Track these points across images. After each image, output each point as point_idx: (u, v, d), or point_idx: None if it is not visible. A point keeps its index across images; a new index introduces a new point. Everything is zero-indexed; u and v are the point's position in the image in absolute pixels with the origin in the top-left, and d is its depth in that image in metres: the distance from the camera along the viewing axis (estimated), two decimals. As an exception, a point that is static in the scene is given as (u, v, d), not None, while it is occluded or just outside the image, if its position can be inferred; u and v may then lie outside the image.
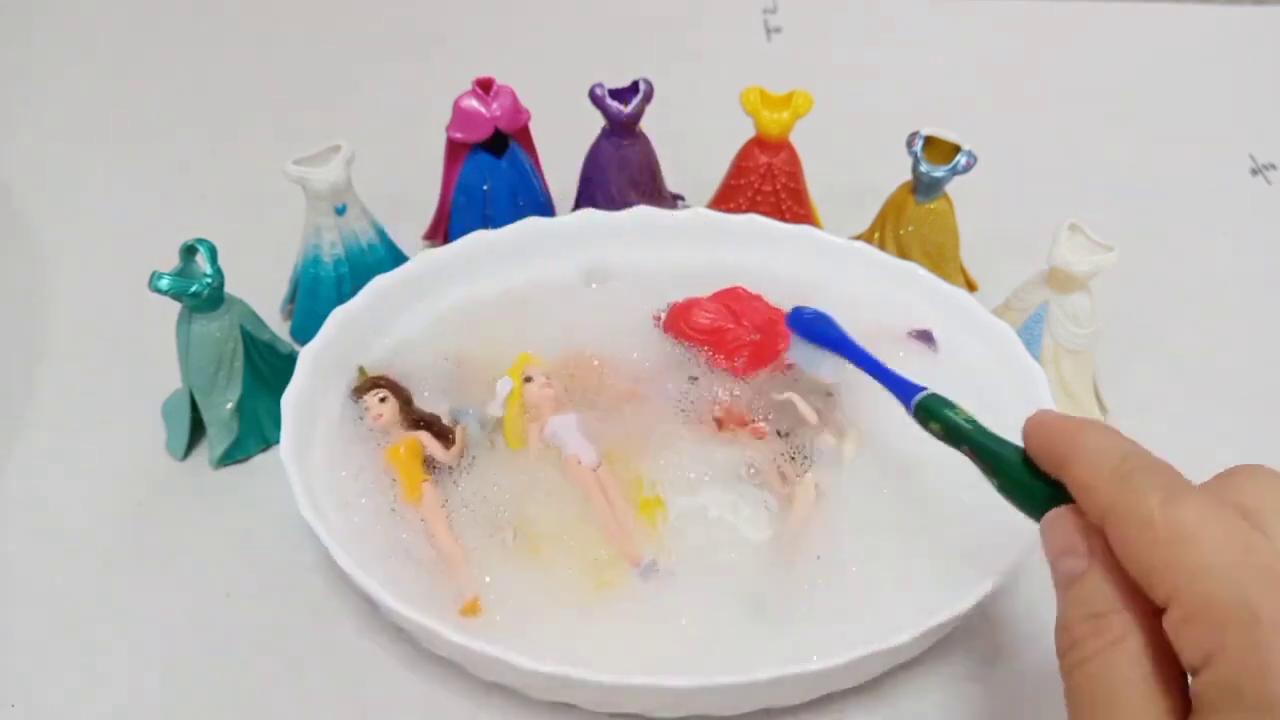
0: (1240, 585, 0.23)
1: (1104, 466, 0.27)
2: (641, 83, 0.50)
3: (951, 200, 0.50)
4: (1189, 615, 0.23)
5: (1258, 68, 0.74)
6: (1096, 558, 0.26)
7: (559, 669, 0.32)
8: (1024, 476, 0.30)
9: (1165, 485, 0.25)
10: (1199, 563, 0.24)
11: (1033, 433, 0.30)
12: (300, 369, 0.41)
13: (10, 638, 0.39)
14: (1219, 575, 0.23)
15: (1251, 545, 0.24)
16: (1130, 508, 0.25)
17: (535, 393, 0.42)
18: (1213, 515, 0.24)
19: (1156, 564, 0.24)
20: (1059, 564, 0.28)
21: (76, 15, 0.75)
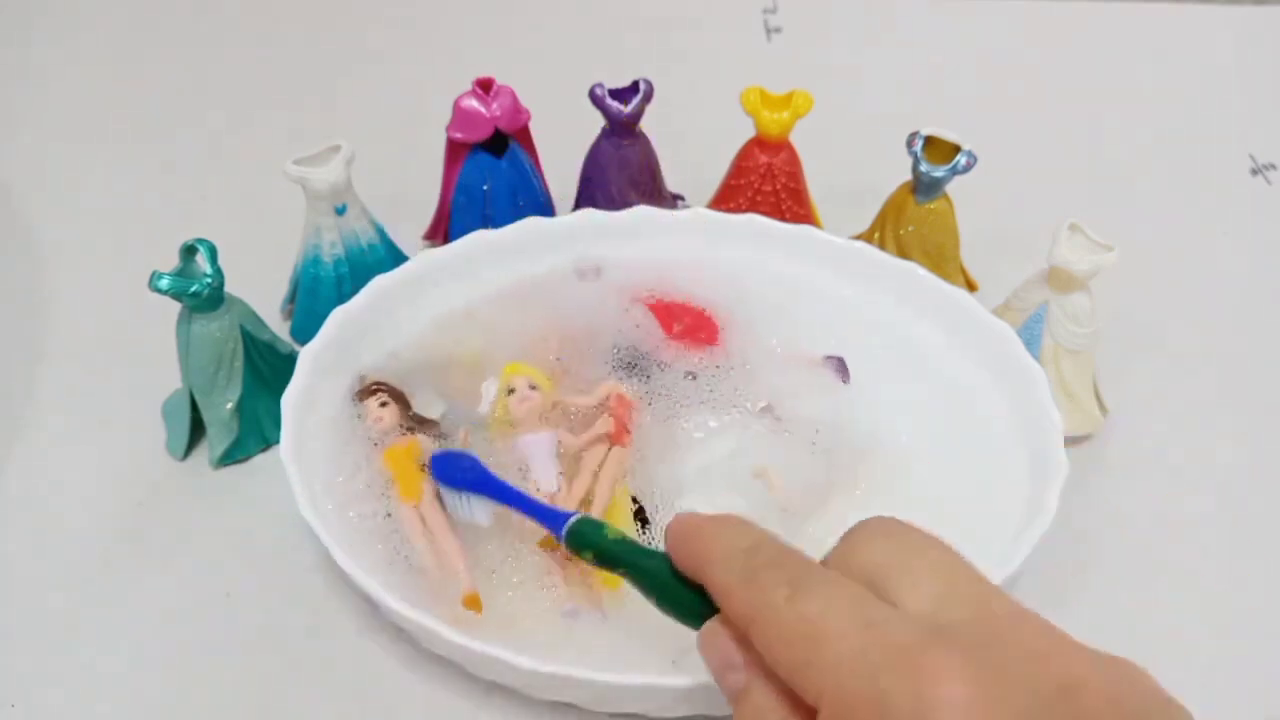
0: (869, 676, 0.22)
1: (734, 567, 0.26)
2: (641, 83, 0.50)
3: (951, 200, 0.50)
4: (834, 717, 0.23)
5: (1258, 68, 0.74)
6: (755, 668, 0.26)
7: (559, 669, 0.32)
8: (679, 590, 0.29)
9: (790, 579, 0.25)
10: (829, 658, 0.23)
11: (671, 537, 0.29)
12: (300, 369, 0.41)
13: (10, 638, 0.39)
14: (848, 668, 0.23)
15: (873, 620, 0.23)
16: (762, 611, 0.25)
17: (515, 406, 0.42)
18: (836, 601, 0.24)
19: (796, 666, 0.24)
20: (723, 680, 0.27)
21: (76, 15, 0.75)
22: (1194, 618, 0.40)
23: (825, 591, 0.25)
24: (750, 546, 0.27)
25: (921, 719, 0.21)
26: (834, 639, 0.23)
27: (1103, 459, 0.46)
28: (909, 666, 0.22)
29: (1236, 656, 0.40)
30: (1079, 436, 0.46)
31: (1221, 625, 0.40)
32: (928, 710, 0.21)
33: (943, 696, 0.21)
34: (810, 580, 0.25)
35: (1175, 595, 0.41)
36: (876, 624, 0.23)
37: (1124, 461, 0.46)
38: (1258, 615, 0.41)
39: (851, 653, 0.23)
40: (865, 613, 0.24)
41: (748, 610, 0.26)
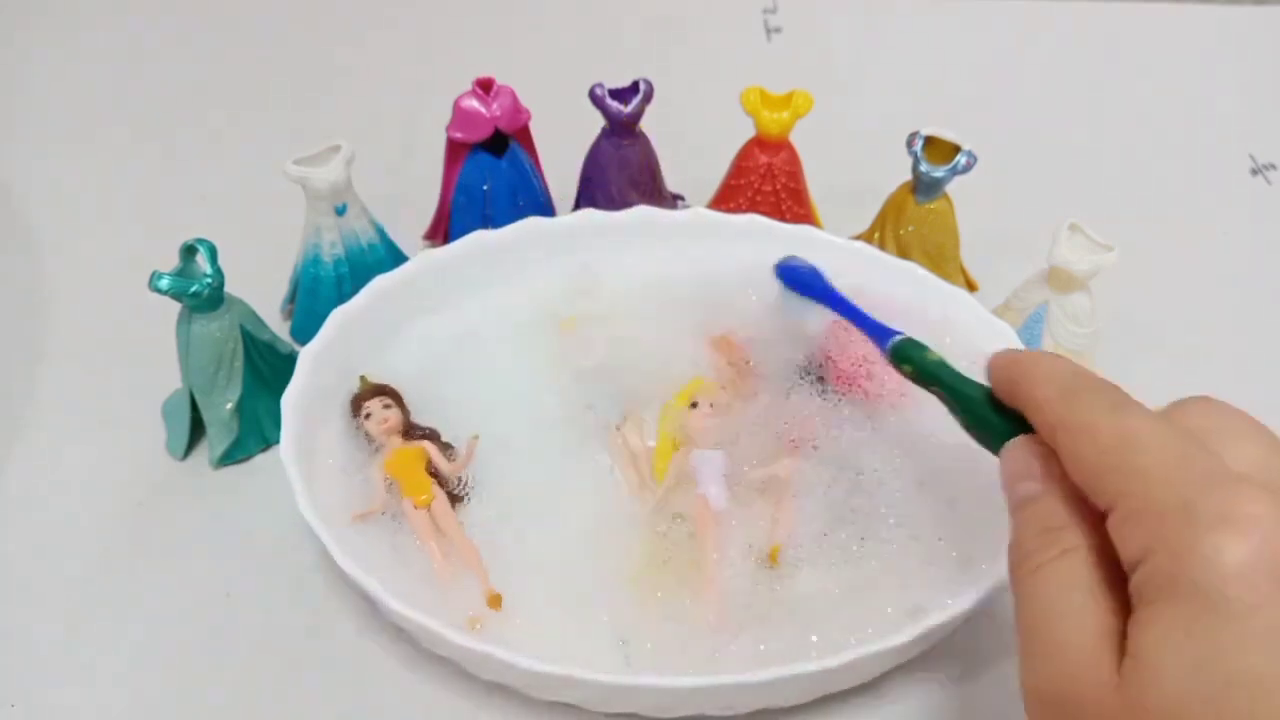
0: (1176, 485, 0.24)
1: (1054, 386, 0.28)
2: (641, 83, 0.50)
3: (951, 200, 0.50)
4: (1128, 514, 0.24)
5: (1258, 68, 0.74)
6: (1051, 481, 0.27)
7: (559, 669, 0.32)
8: (987, 412, 0.31)
9: (1112, 400, 0.27)
10: (1140, 466, 0.24)
11: (994, 365, 0.31)
12: (300, 369, 0.41)
13: (10, 638, 0.39)
14: (1157, 476, 0.24)
15: (1190, 453, 0.24)
16: (1078, 420, 0.26)
17: (697, 422, 0.41)
18: (1156, 426, 0.25)
19: (1101, 470, 0.25)
20: (1015, 488, 0.28)
21: (76, 15, 0.75)
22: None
23: (1145, 415, 0.26)
24: (1076, 371, 0.28)
25: (1225, 524, 0.22)
26: (1151, 450, 0.25)
27: (1103, 459, 0.46)
28: (1220, 488, 0.23)
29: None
30: (1079, 436, 0.46)
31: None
32: (1233, 520, 0.22)
33: (1249, 514, 0.22)
34: (1132, 405, 0.26)
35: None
36: (1198, 456, 0.24)
37: (1124, 461, 0.46)
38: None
39: (1166, 465, 0.24)
40: (1187, 444, 0.25)
41: (1065, 418, 0.27)
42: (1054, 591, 0.25)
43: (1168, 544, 0.23)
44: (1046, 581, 0.26)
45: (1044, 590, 0.26)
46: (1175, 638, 0.22)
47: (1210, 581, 0.22)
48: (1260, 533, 0.22)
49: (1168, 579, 0.23)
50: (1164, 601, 0.23)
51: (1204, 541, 0.22)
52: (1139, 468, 0.24)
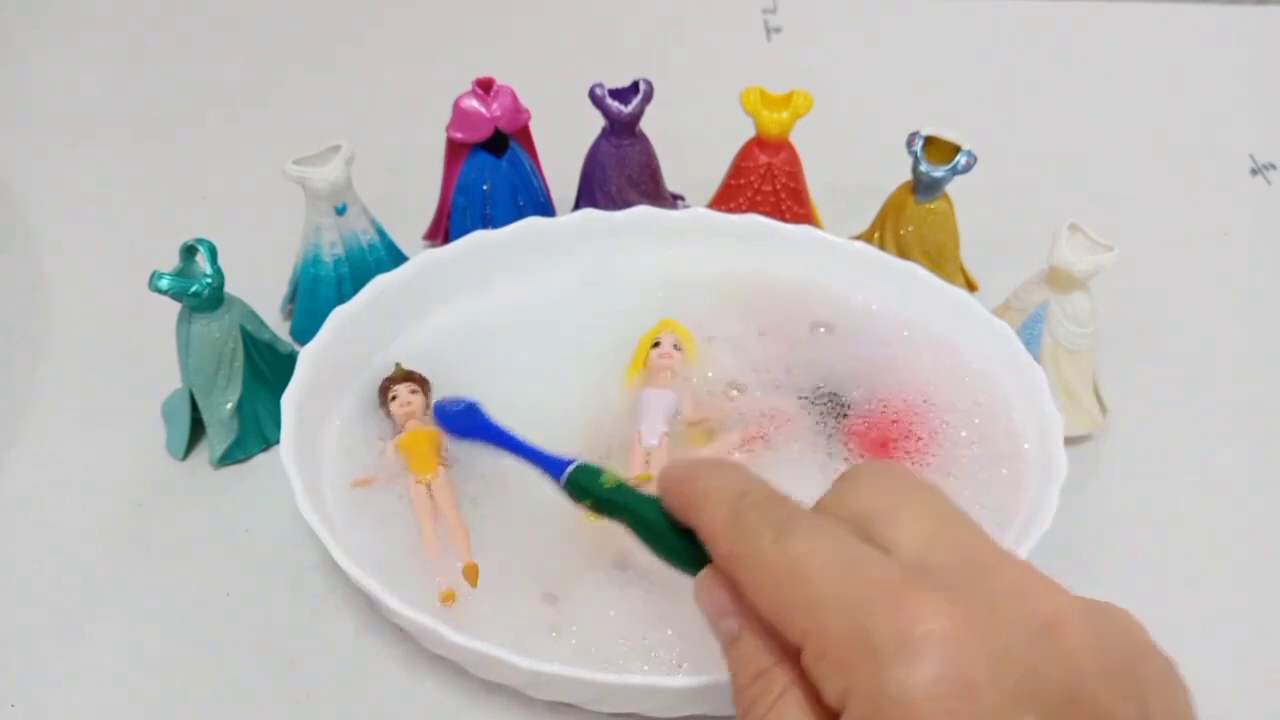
0: (850, 612, 0.22)
1: (721, 511, 0.26)
2: (641, 83, 0.50)
3: (951, 200, 0.50)
4: (817, 654, 0.23)
5: (1258, 68, 0.74)
6: (747, 615, 0.26)
7: (559, 669, 0.32)
8: (672, 536, 0.29)
9: (776, 521, 0.25)
10: (812, 595, 0.23)
11: (663, 480, 0.29)
12: (300, 369, 0.41)
13: (10, 638, 0.39)
14: (831, 604, 0.23)
15: (857, 560, 0.23)
16: (747, 552, 0.25)
17: (654, 358, 0.44)
18: (821, 541, 0.24)
19: (778, 606, 0.24)
20: (717, 626, 0.27)
21: (76, 15, 0.75)
22: (1194, 617, 0.40)
23: (810, 533, 0.25)
24: (740, 490, 0.27)
25: (903, 653, 0.21)
26: (816, 578, 0.23)
27: (1103, 459, 0.46)
28: (891, 603, 0.22)
29: (1237, 656, 0.40)
30: (1079, 436, 0.46)
31: (1222, 625, 0.40)
32: (909, 644, 0.21)
33: (924, 632, 0.21)
34: (796, 522, 0.25)
35: (1176, 595, 0.41)
36: (860, 563, 0.23)
37: (1124, 461, 0.46)
38: (1258, 615, 0.41)
39: (834, 590, 0.23)
40: (849, 553, 0.24)
41: (734, 551, 0.26)
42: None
43: (859, 686, 0.22)
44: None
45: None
46: None
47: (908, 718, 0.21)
48: (938, 651, 0.21)
49: None
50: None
51: (889, 679, 0.21)
52: (812, 600, 0.23)
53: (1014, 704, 0.21)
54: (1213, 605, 0.41)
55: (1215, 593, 0.42)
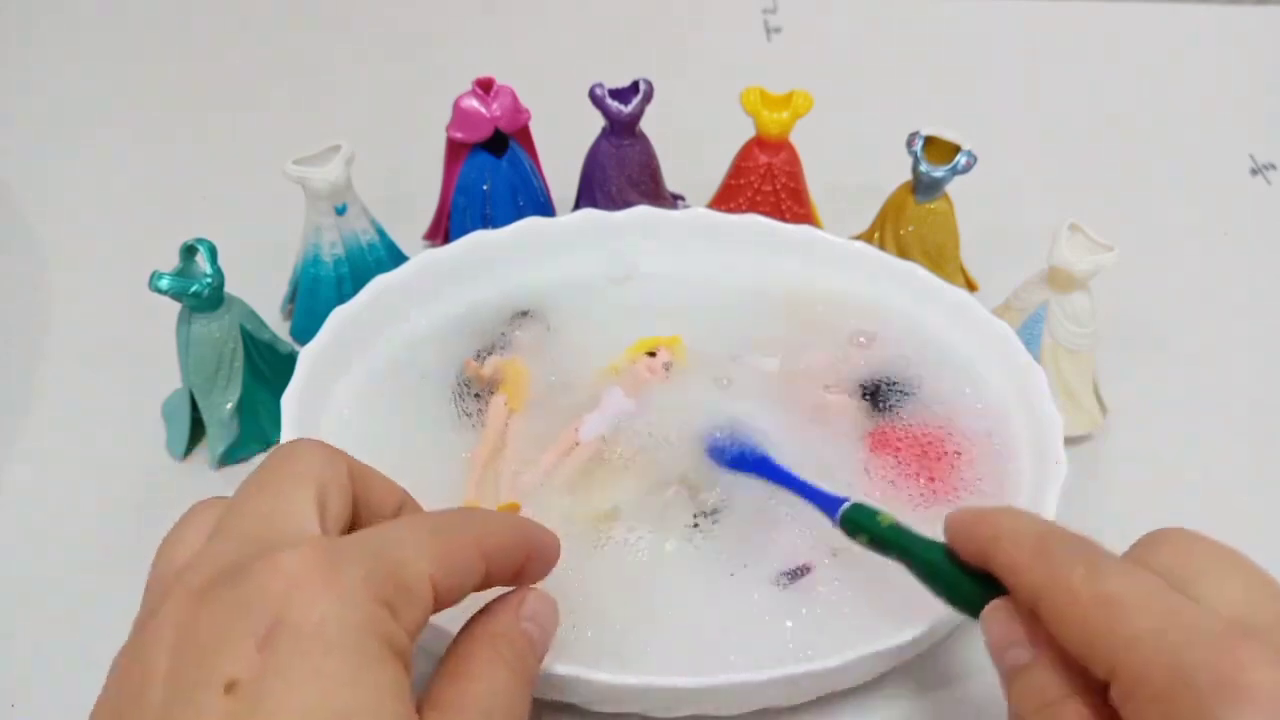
0: (1172, 651, 0.23)
1: (1024, 547, 0.27)
2: (641, 83, 0.50)
3: (951, 200, 0.50)
4: (1131, 690, 0.23)
5: (1258, 68, 0.74)
6: (1041, 646, 0.26)
7: (559, 669, 0.32)
8: (955, 576, 0.30)
9: (1086, 559, 0.26)
10: (1129, 633, 0.24)
11: (952, 527, 0.30)
12: (300, 369, 0.41)
13: (10, 638, 0.39)
14: (1150, 643, 0.23)
15: (1175, 608, 0.24)
16: (1055, 584, 0.26)
17: (638, 368, 0.44)
18: (1136, 583, 0.25)
19: (1090, 639, 0.24)
20: (1004, 656, 0.27)
21: (76, 15, 0.75)
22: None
23: (1125, 573, 0.25)
24: (1044, 529, 0.28)
25: (1230, 697, 0.21)
26: (1136, 614, 0.24)
27: (1103, 459, 0.46)
28: (1217, 648, 0.22)
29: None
30: (1079, 436, 0.46)
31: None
32: (1237, 690, 0.21)
33: (1252, 681, 0.22)
34: (1109, 562, 0.26)
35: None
36: (1180, 607, 0.24)
37: (1124, 461, 0.46)
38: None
39: (1155, 629, 0.23)
40: (1167, 596, 0.24)
41: (1041, 583, 0.26)
42: None
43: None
44: None
45: None
46: None
47: None
48: (1267, 701, 0.21)
49: None
50: None
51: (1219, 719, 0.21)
52: (1129, 635, 0.24)
53: None
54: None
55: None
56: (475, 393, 0.43)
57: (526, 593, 0.30)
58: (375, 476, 0.30)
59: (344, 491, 0.28)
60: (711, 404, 0.43)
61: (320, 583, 0.24)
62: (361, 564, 0.25)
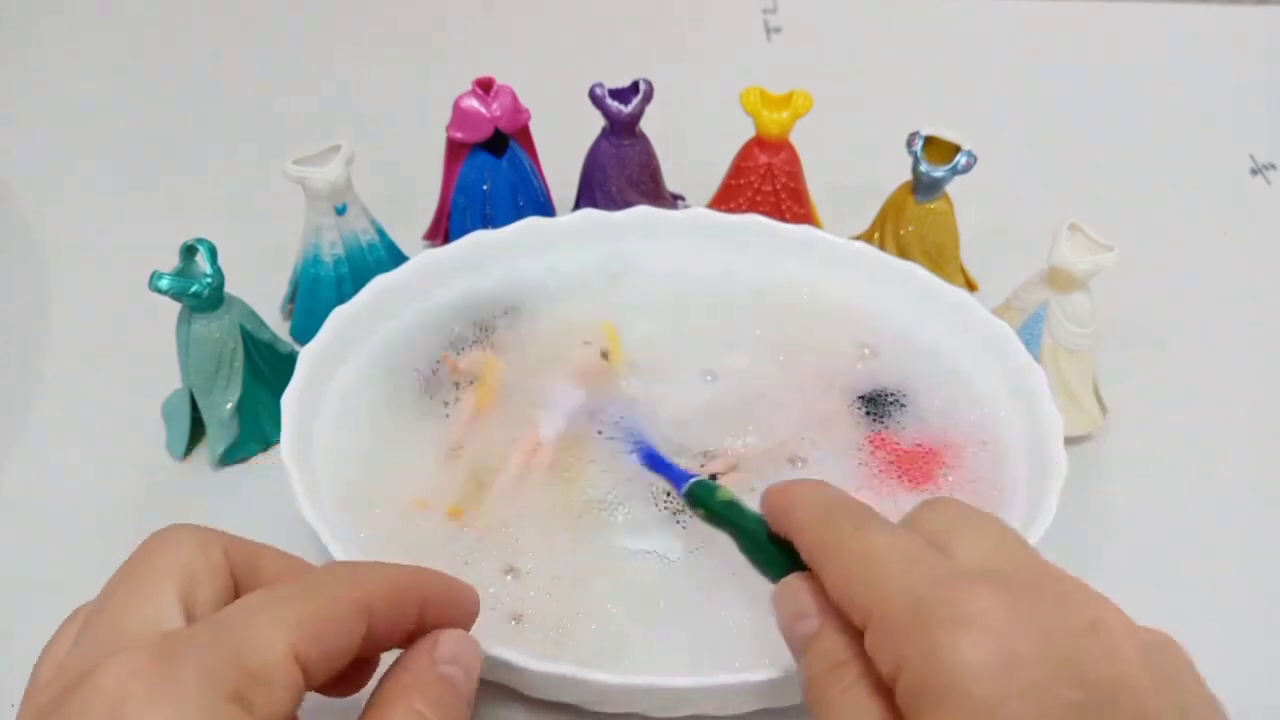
0: (911, 592, 0.24)
1: (810, 510, 0.29)
2: (641, 83, 0.50)
3: (951, 200, 0.50)
4: (877, 631, 0.25)
5: (1258, 68, 0.74)
6: (826, 613, 0.28)
7: (559, 669, 0.32)
8: (769, 548, 0.31)
9: (857, 519, 0.28)
10: (877, 579, 0.25)
11: (764, 500, 0.32)
12: (300, 369, 0.41)
13: (10, 638, 0.39)
14: (894, 586, 0.25)
15: (920, 556, 0.25)
16: (829, 541, 0.28)
17: (579, 356, 0.44)
18: (895, 539, 0.26)
19: (850, 590, 0.26)
20: (793, 629, 0.28)
21: (76, 14, 0.75)
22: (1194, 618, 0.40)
23: (885, 529, 0.27)
24: (830, 497, 0.30)
25: (954, 624, 0.23)
26: (884, 562, 0.26)
27: (1103, 459, 0.46)
28: (949, 587, 0.24)
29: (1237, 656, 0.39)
30: (1079, 436, 0.46)
31: (1222, 625, 0.40)
32: (961, 617, 0.23)
33: (976, 609, 0.23)
34: (875, 521, 0.28)
35: (1176, 595, 0.41)
36: (924, 557, 0.26)
37: (1124, 461, 0.46)
38: (1259, 615, 0.41)
39: (898, 574, 0.25)
40: (917, 549, 0.26)
41: (818, 542, 0.28)
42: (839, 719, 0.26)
43: (911, 654, 0.23)
44: (833, 712, 0.26)
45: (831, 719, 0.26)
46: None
47: (954, 684, 0.22)
48: (990, 627, 0.23)
49: (919, 689, 0.23)
50: (921, 711, 0.23)
51: (942, 646, 0.23)
52: (877, 580, 0.25)
53: (1055, 680, 0.22)
54: (1213, 605, 0.41)
55: (1215, 593, 0.42)
56: (455, 381, 0.43)
57: (439, 635, 0.29)
58: (264, 551, 0.29)
59: (217, 575, 0.27)
60: (699, 400, 0.43)
61: (149, 691, 0.22)
62: (199, 660, 0.23)
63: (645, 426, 0.42)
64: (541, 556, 0.38)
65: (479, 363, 0.44)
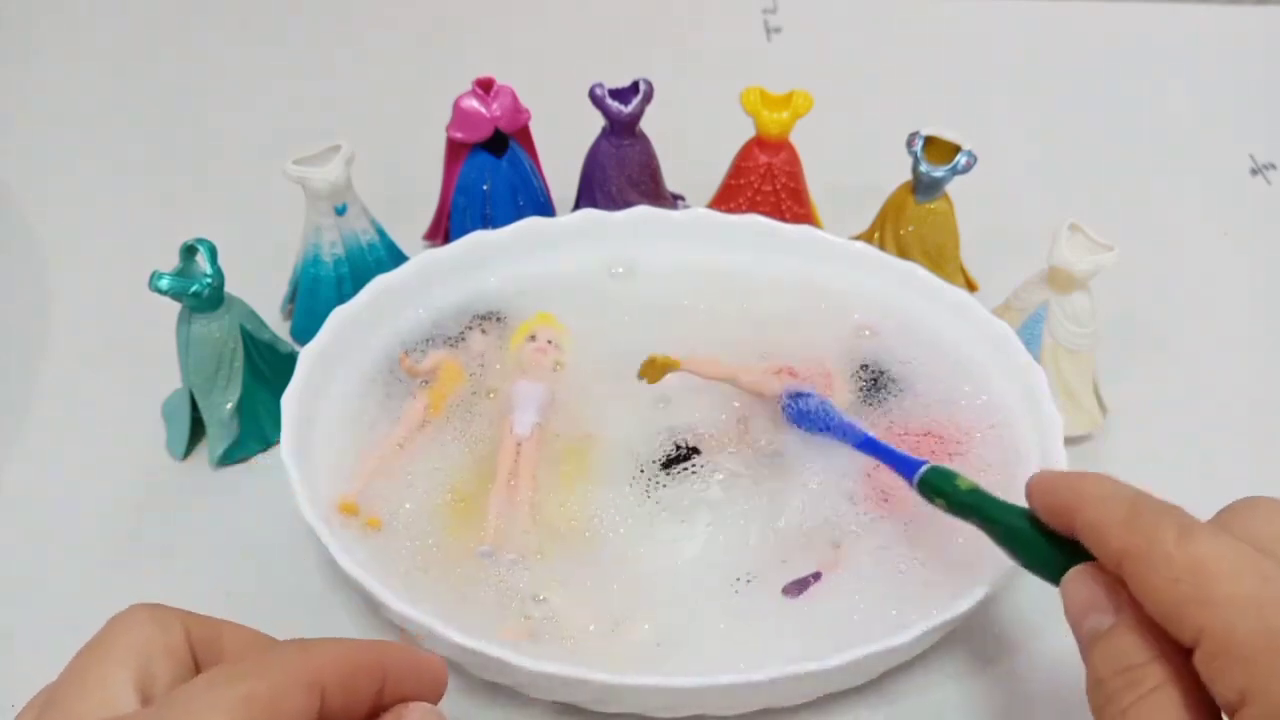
0: (1264, 616, 0.23)
1: (1112, 511, 0.27)
2: (641, 83, 0.50)
3: (951, 200, 0.50)
4: (1217, 652, 0.23)
5: (1258, 68, 0.74)
6: (1123, 610, 0.26)
7: (559, 669, 0.32)
8: (1036, 541, 0.30)
9: (1177, 522, 0.26)
10: (1221, 596, 0.24)
11: (1036, 490, 0.30)
12: (300, 369, 0.41)
13: (10, 638, 0.39)
14: (1241, 607, 0.23)
15: (1269, 574, 0.24)
16: (1145, 547, 0.25)
17: (530, 353, 0.44)
18: (1228, 548, 0.24)
19: (1179, 602, 0.24)
20: (1084, 622, 0.27)
21: (76, 14, 0.75)
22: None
23: (1216, 537, 0.25)
24: (1135, 494, 0.27)
25: None
26: (1227, 578, 0.24)
27: (1103, 459, 0.46)
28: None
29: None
30: (1079, 436, 0.46)
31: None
32: None
33: None
34: (1200, 527, 0.25)
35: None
36: (1271, 576, 0.24)
37: (1124, 461, 0.46)
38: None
39: (1245, 593, 0.23)
40: (1260, 563, 0.24)
41: (1129, 546, 0.26)
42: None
43: (1263, 686, 0.22)
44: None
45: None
46: None
47: None
48: None
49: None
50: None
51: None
52: (1219, 598, 0.24)
53: None
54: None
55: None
56: (426, 381, 0.44)
57: (404, 709, 0.28)
58: (226, 628, 0.28)
59: (175, 656, 0.26)
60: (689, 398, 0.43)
61: None
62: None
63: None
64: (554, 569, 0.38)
65: (438, 364, 0.44)
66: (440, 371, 0.44)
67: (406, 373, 0.44)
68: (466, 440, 0.42)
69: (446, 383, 0.44)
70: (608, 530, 0.39)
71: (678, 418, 0.43)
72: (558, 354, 0.45)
